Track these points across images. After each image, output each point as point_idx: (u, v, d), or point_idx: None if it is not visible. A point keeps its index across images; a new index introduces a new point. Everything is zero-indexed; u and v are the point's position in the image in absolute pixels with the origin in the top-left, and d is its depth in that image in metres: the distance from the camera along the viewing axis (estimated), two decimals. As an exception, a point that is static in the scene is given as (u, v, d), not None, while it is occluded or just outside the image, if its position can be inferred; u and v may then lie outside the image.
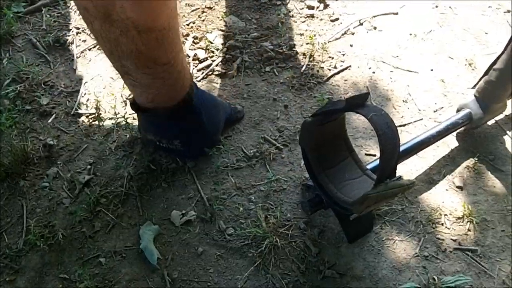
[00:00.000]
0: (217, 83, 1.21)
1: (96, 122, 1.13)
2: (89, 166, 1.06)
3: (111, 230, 0.98)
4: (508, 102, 1.09)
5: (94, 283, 0.91)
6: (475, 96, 1.05)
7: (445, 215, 0.97)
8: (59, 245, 0.96)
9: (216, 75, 1.22)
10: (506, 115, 1.13)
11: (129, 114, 1.13)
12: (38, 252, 0.95)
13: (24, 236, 0.97)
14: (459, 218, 0.97)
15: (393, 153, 0.80)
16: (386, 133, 0.78)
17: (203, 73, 1.22)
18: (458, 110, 1.08)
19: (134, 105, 0.95)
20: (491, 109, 1.04)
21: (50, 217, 0.99)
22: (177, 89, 0.90)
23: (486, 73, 1.04)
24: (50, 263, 0.94)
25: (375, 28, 1.31)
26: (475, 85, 1.07)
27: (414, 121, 1.12)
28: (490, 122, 1.12)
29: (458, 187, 1.01)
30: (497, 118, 1.12)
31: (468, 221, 0.96)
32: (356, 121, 1.12)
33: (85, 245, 0.96)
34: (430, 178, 1.03)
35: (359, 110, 0.80)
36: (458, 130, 1.07)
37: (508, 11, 1.36)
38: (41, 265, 0.94)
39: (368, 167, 0.95)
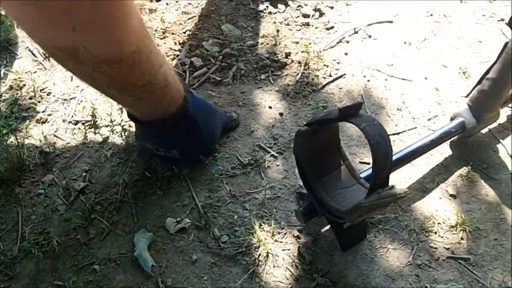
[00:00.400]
0: (213, 91, 1.21)
1: (92, 130, 1.14)
2: (84, 173, 1.06)
3: (105, 237, 0.98)
4: (501, 110, 1.10)
5: (89, 290, 0.91)
6: (468, 105, 1.06)
7: (438, 223, 0.98)
8: (54, 252, 0.96)
9: (212, 82, 1.23)
10: (499, 124, 1.14)
11: (125, 122, 1.13)
12: (33, 259, 0.95)
13: (19, 243, 0.97)
14: (452, 226, 0.97)
15: (385, 162, 0.81)
16: (379, 143, 0.79)
17: (199, 80, 1.23)
18: (451, 119, 1.08)
19: (131, 116, 0.96)
20: (484, 118, 1.05)
21: (45, 224, 0.99)
22: (164, 104, 0.90)
23: (479, 83, 1.05)
24: (44, 270, 0.94)
25: (370, 36, 1.32)
26: (468, 94, 1.08)
27: (408, 130, 1.13)
28: (484, 131, 1.12)
29: (451, 195, 1.02)
30: (491, 126, 1.12)
31: (461, 230, 0.97)
32: (351, 129, 1.13)
33: (79, 252, 0.96)
34: (424, 187, 1.04)
35: (352, 120, 0.81)
36: (451, 139, 1.08)
37: (502, 20, 1.37)
38: (36, 272, 0.94)
39: (362, 175, 0.95)
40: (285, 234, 0.97)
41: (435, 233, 0.96)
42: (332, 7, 1.40)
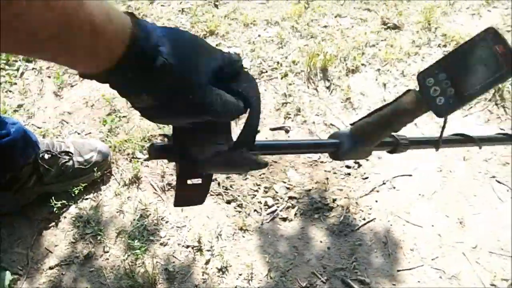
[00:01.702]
0: (280, 225, 1.73)
1: (198, 253, 1.67)
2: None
3: (210, 335, 1.50)
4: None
5: None
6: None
7: None
8: None
9: (280, 218, 1.75)
10: None
11: (220, 248, 1.66)
12: None
13: (156, 336, 1.50)
14: None
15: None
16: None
17: (271, 216, 1.75)
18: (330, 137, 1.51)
19: (83, 75, 0.63)
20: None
21: (172, 324, 1.52)
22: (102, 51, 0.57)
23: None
24: None
25: (394, 187, 1.83)
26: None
27: (417, 267, 1.62)
28: (471, 273, 1.60)
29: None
30: None
31: None
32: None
33: None
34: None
35: None
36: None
37: (493, 177, 1.85)
38: None
39: None
40: None
41: None
42: (368, 159, 1.91)
